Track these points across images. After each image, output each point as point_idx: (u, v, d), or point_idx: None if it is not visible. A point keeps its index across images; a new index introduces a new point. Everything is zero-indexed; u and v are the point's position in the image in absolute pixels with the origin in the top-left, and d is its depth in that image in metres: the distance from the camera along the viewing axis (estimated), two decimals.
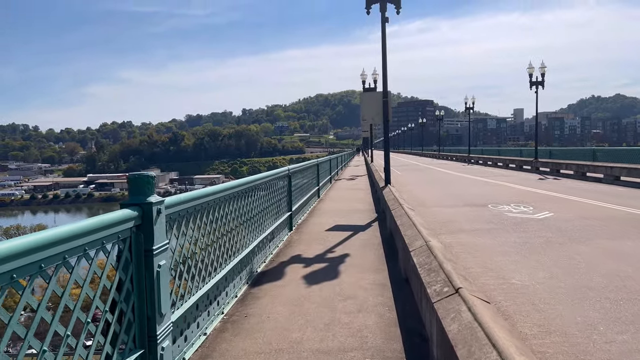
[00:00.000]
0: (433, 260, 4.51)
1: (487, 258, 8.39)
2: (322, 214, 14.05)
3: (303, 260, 8.04)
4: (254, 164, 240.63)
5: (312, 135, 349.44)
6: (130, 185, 3.68)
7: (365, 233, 10.47)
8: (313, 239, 9.90)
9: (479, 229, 11.25)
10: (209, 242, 5.20)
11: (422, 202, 16.54)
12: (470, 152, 55.80)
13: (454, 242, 9.77)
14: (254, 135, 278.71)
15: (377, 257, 8.09)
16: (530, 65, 33.43)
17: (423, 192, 20.48)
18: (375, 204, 16.02)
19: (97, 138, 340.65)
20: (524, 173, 32.30)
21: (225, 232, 5.80)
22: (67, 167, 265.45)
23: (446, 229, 11.31)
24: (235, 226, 6.23)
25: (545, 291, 6.52)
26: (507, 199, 17.03)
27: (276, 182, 9.32)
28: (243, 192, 6.66)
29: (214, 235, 5.34)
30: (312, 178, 16.29)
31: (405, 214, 7.87)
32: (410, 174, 33.75)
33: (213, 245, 5.33)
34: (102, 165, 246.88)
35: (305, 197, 13.71)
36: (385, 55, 13.35)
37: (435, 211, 14.30)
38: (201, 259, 4.99)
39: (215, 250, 5.43)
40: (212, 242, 5.29)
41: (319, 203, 16.84)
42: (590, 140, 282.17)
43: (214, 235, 5.34)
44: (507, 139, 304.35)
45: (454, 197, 18.05)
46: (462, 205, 15.68)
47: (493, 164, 44.37)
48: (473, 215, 13.29)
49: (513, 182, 24.60)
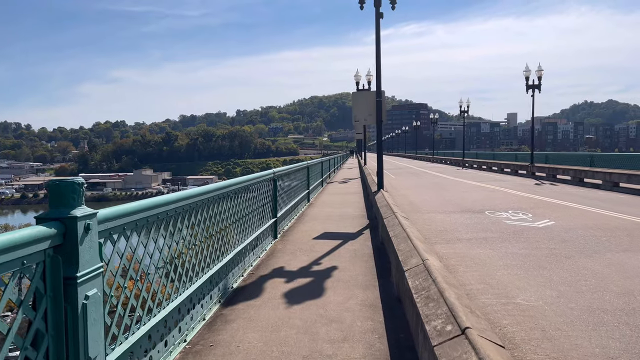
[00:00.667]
0: (432, 284, 3.77)
1: (488, 272, 7.67)
2: (311, 220, 13.26)
3: (285, 274, 7.26)
4: (247, 165, 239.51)
5: (306, 137, 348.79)
6: (51, 194, 2.91)
7: (355, 242, 9.70)
8: (299, 248, 9.12)
9: (477, 238, 10.53)
10: (167, 259, 4.43)
11: (416, 208, 15.82)
12: (465, 156, 55.24)
13: (451, 253, 9.04)
14: (248, 136, 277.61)
15: (367, 271, 7.33)
16: (527, 68, 32.86)
17: (418, 196, 19.77)
18: (367, 209, 15.28)
19: (90, 137, 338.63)
20: (519, 178, 31.71)
21: (191, 246, 5.03)
22: (59, 166, 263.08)
23: (442, 237, 10.59)
24: (205, 238, 5.46)
25: (555, 313, 5.79)
26: (504, 205, 16.35)
27: (259, 186, 8.55)
28: (217, 198, 5.89)
29: (175, 250, 4.56)
30: (302, 181, 15.52)
31: (398, 224, 7.12)
32: (404, 178, 33.10)
33: (174, 262, 4.56)
34: (94, 165, 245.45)
35: (293, 202, 12.93)
36: (379, 53, 12.59)
37: (431, 218, 13.58)
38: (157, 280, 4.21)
39: (177, 268, 4.65)
40: (172, 259, 4.52)
41: (308, 208, 16.06)
42: (583, 145, 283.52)
43: (175, 250, 4.56)
44: (501, 143, 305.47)
45: (449, 203, 17.35)
46: (459, 211, 14.98)
47: (488, 168, 43.81)
48: (470, 223, 12.58)
49: (509, 187, 23.97)
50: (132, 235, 3.73)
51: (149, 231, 4.05)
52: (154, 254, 4.14)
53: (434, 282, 3.78)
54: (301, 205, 15.04)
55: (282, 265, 7.73)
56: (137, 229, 3.81)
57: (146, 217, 3.92)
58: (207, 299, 5.49)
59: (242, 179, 7.39)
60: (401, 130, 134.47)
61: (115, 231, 3.43)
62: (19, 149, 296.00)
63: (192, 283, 5.03)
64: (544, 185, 25.73)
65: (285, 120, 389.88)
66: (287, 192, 11.97)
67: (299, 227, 11.89)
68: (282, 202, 10.79)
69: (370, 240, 9.73)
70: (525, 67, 32.80)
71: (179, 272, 4.68)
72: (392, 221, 7.53)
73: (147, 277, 4.18)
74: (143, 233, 3.92)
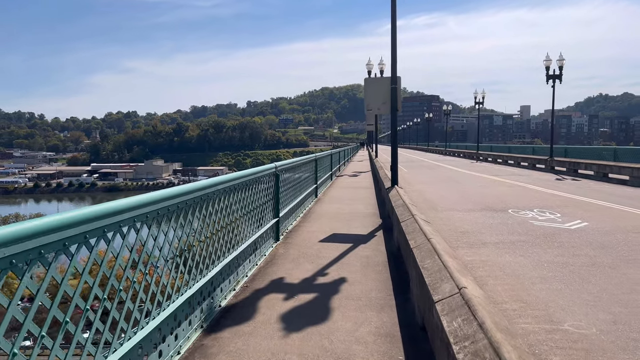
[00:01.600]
0: (479, 332, 2.67)
1: (522, 286, 6.54)
2: (318, 218, 12.16)
3: (285, 288, 6.20)
4: (257, 157, 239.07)
5: (316, 128, 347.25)
6: None
7: (367, 246, 8.60)
8: (303, 253, 8.05)
9: (504, 241, 9.38)
10: (132, 279, 3.38)
11: (433, 205, 14.67)
12: (479, 149, 53.73)
13: (477, 260, 7.91)
14: (258, 127, 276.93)
15: (382, 285, 6.24)
16: (547, 57, 31.34)
17: (433, 192, 18.59)
18: (380, 206, 14.17)
19: (102, 127, 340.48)
20: (538, 172, 30.31)
21: (168, 259, 3.98)
22: (71, 156, 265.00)
23: (465, 240, 9.45)
24: (183, 250, 4.40)
25: (618, 347, 4.66)
26: (528, 202, 15.14)
27: (258, 183, 7.48)
28: (204, 198, 4.83)
29: (144, 265, 3.50)
30: (309, 175, 14.43)
31: (419, 230, 6.01)
32: (417, 172, 31.79)
33: (133, 286, 3.50)
34: (106, 155, 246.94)
35: (298, 199, 11.84)
36: (395, 35, 11.33)
37: (450, 217, 12.43)
38: (112, 305, 3.16)
39: (139, 290, 3.59)
40: (130, 284, 3.46)
41: (316, 204, 14.98)
42: (598, 138, 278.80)
43: (144, 265, 3.50)
44: (513, 136, 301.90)
45: (468, 199, 16.16)
46: (479, 209, 13.80)
47: (503, 162, 42.37)
48: (494, 223, 11.42)
49: (529, 182, 22.67)
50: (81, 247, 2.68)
51: (112, 242, 2.99)
52: (114, 272, 3.08)
53: (481, 328, 2.70)
54: (308, 201, 13.97)
55: (282, 276, 6.67)
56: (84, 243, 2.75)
57: (103, 226, 2.88)
58: (185, 324, 4.45)
59: (236, 175, 6.33)
60: (412, 123, 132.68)
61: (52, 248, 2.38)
62: (33, 139, 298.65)
63: (167, 306, 3.99)
64: (566, 180, 24.39)
65: (295, 111, 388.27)
66: (292, 188, 10.88)
67: (305, 227, 10.81)
68: (285, 200, 9.72)
69: (384, 244, 8.62)
70: (546, 56, 31.31)
71: (142, 295, 3.63)
72: (411, 226, 6.41)
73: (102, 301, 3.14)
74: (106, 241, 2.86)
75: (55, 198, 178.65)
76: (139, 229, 3.54)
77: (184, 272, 4.43)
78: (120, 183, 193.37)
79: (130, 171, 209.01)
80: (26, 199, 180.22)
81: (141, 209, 3.51)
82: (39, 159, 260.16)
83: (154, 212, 3.75)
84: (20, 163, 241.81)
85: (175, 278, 4.24)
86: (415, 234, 5.85)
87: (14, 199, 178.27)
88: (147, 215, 3.63)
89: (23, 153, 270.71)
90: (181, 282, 4.38)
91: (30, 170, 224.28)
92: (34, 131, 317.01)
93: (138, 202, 3.49)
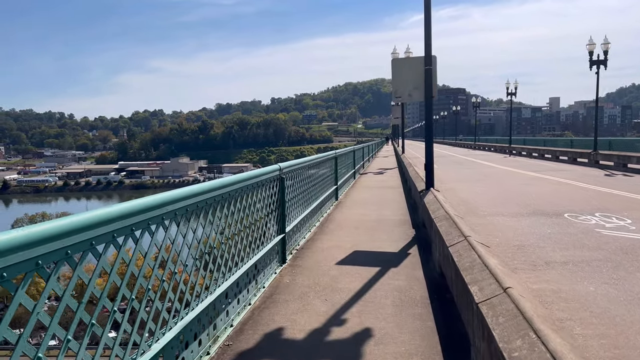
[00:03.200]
0: None
1: (627, 340, 4.56)
2: (337, 229, 10.24)
3: (283, 351, 4.33)
4: (281, 153, 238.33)
5: (340, 124, 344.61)
6: None
7: (399, 271, 6.66)
8: (314, 283, 6.17)
9: (574, 260, 7.36)
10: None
11: (471, 208, 12.64)
12: (512, 143, 50.91)
13: (546, 289, 5.94)
14: (282, 124, 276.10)
15: (425, 345, 4.33)
16: (590, 41, 28.68)
17: (469, 191, 16.48)
18: (411, 211, 12.24)
19: (130, 126, 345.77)
20: (580, 167, 27.71)
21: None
22: (99, 154, 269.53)
23: (523, 258, 7.47)
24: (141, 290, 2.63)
25: None
26: (584, 204, 12.96)
27: (256, 191, 5.67)
28: (171, 215, 3.09)
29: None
30: (328, 175, 12.55)
31: (480, 265, 4.05)
32: (448, 168, 29.42)
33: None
34: (133, 153, 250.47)
35: (313, 205, 9.95)
36: (429, 4, 9.33)
37: (495, 223, 10.40)
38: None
39: None
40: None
41: (336, 209, 13.07)
42: (631, 130, 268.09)
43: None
44: (542, 128, 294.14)
45: (511, 200, 14.05)
46: (529, 213, 11.71)
47: (539, 156, 39.68)
48: (552, 233, 9.36)
49: (575, 179, 20.30)
50: None
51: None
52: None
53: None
54: (327, 205, 12.10)
55: (281, 326, 4.79)
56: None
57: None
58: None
59: (223, 182, 4.53)
60: (439, 116, 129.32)
61: None
62: (62, 138, 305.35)
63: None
64: (617, 176, 21.90)
65: (319, 107, 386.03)
66: (304, 194, 9.00)
67: (321, 242, 8.91)
68: (294, 210, 7.86)
69: (421, 267, 6.69)
70: (589, 39, 28.65)
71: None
72: (465, 255, 4.43)
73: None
74: None
75: (84, 196, 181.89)
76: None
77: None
78: (147, 181, 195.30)
79: (157, 169, 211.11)
80: (56, 197, 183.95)
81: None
82: (68, 157, 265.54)
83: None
84: (50, 162, 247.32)
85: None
86: (476, 272, 3.89)
87: (44, 197, 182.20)
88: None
89: (53, 152, 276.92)
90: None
91: (60, 169, 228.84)
92: (63, 130, 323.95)
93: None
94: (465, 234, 4.97)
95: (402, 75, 9.59)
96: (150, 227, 3.24)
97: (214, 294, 4.29)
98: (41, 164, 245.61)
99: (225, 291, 4.57)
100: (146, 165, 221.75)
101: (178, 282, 3.67)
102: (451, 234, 5.31)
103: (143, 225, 3.13)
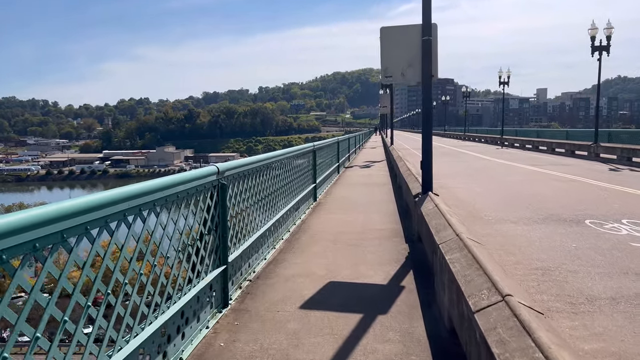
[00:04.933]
0: None
1: None
2: (309, 244, 8.12)
3: None
4: (269, 143, 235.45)
5: (328, 114, 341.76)
6: None
7: (390, 326, 4.39)
8: (261, 351, 3.94)
9: (626, 295, 5.43)
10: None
11: (473, 211, 10.70)
12: (504, 134, 49.21)
13: (608, 355, 4.00)
14: (270, 113, 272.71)
15: None
16: (592, 25, 26.86)
17: (467, 190, 14.56)
18: (403, 217, 10.28)
19: (115, 114, 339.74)
20: (581, 161, 25.96)
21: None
22: (83, 143, 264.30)
23: (555, 290, 5.53)
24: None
25: None
26: (604, 206, 11.08)
27: (172, 206, 3.62)
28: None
29: None
30: (304, 173, 10.47)
31: (525, 334, 2.13)
32: (439, 161, 26.95)
33: None
34: (118, 142, 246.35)
35: (279, 215, 7.75)
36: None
37: (505, 233, 8.46)
38: None
39: None
40: None
41: (312, 212, 10.96)
42: (617, 121, 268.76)
43: None
44: (530, 119, 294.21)
45: (518, 200, 12.14)
46: (542, 218, 9.80)
47: (534, 148, 37.99)
48: (579, 248, 7.44)
49: (582, 174, 18.49)
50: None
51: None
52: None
53: None
54: (302, 209, 10.05)
55: None
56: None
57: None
58: None
59: (116, 195, 2.50)
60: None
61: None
62: (46, 126, 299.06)
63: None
64: (623, 171, 20.16)
65: (307, 97, 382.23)
66: (267, 201, 6.87)
67: (284, 266, 6.68)
68: (247, 226, 5.74)
69: (421, 317, 4.56)
70: (592, 24, 26.81)
71: None
72: (513, 342, 2.38)
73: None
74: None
75: (67, 185, 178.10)
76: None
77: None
78: (132, 170, 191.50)
79: (142, 158, 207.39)
80: (39, 186, 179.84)
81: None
82: (52, 146, 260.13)
83: None
84: (33, 150, 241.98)
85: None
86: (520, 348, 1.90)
87: (26, 186, 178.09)
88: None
89: (36, 140, 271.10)
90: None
91: (43, 157, 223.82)
92: (47, 118, 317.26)
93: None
94: (503, 292, 2.93)
95: (393, 49, 7.51)
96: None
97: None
98: (24, 152, 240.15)
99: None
100: (131, 154, 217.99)
101: None
102: (473, 282, 3.29)
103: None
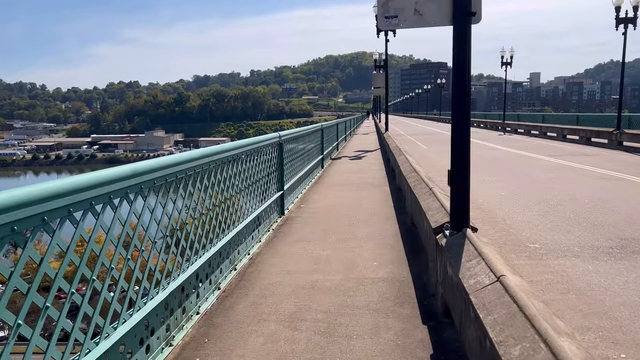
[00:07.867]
0: None
1: None
2: (273, 291, 4.81)
3: None
4: (260, 127, 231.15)
5: (320, 98, 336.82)
6: None
7: None
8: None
9: None
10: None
11: (505, 228, 7.45)
12: (505, 119, 45.98)
13: None
14: (261, 97, 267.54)
15: None
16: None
17: (488, 191, 11.26)
18: (404, 237, 7.02)
19: (104, 98, 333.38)
20: (605, 150, 22.70)
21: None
22: (71, 127, 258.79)
23: None
24: None
25: None
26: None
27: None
28: None
29: None
30: (264, 178, 7.11)
31: None
32: (441, 149, 23.46)
33: None
34: (106, 126, 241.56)
35: (228, 238, 4.47)
36: None
37: (570, 279, 5.23)
38: None
39: None
40: None
41: (268, 244, 7.58)
42: (610, 106, 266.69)
43: None
44: (523, 104, 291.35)
45: (561, 211, 8.90)
46: (617, 247, 6.58)
47: (541, 134, 34.79)
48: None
49: (619, 169, 15.28)
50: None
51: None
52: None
53: None
54: (248, 242, 6.62)
55: None
56: None
57: None
58: None
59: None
60: (422, 90, 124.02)
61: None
62: (34, 110, 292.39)
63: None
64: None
65: (299, 80, 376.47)
66: (217, 221, 3.64)
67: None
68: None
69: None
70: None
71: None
72: None
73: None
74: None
75: (54, 170, 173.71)
76: None
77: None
78: (121, 155, 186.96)
79: (131, 142, 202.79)
80: (25, 171, 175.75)
81: None
82: (39, 130, 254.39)
83: None
84: (20, 134, 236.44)
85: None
86: None
87: (12, 171, 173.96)
88: None
89: (23, 124, 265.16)
90: None
91: (30, 142, 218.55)
92: (35, 102, 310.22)
93: None
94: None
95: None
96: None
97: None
98: (10, 136, 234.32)
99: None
100: (120, 138, 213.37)
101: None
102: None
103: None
